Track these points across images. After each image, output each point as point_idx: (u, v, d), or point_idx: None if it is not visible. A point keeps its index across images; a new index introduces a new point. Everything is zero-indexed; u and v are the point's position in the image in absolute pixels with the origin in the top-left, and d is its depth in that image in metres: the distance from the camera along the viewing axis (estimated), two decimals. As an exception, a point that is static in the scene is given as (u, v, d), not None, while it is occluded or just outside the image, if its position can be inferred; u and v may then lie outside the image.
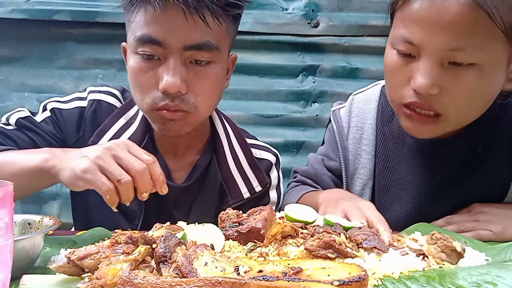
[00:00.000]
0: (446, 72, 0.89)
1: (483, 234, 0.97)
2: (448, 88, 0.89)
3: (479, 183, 1.06)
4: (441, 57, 0.88)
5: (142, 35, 0.99)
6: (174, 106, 1.01)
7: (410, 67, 0.92)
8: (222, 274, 0.58)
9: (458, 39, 0.85)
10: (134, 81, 1.05)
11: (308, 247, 0.69)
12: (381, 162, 1.19)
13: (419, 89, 0.90)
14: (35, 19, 2.18)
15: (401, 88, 0.95)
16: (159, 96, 1.01)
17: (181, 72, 0.99)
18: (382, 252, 0.71)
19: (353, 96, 1.30)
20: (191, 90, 1.02)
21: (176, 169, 1.21)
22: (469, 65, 0.87)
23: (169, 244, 0.65)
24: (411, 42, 0.90)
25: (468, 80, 0.88)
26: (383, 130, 1.20)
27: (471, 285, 0.62)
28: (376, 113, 1.22)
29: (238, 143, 1.26)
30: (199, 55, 1.01)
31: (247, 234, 0.74)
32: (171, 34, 0.97)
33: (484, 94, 0.93)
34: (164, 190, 0.88)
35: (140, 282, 0.54)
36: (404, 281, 0.64)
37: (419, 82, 0.89)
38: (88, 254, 0.65)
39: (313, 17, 2.31)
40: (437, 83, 0.89)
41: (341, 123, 1.27)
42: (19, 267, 0.66)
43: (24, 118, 1.12)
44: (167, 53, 0.99)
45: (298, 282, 0.56)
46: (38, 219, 0.81)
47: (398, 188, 1.16)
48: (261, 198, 1.27)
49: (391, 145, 1.18)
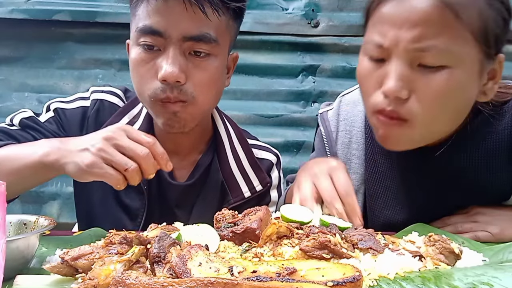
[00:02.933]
0: (415, 75, 0.87)
1: (480, 235, 0.97)
2: (417, 91, 0.87)
3: (472, 192, 1.04)
4: (410, 58, 0.86)
5: (144, 25, 1.01)
6: (173, 97, 1.02)
7: (381, 72, 0.91)
8: (216, 275, 0.58)
9: (426, 39, 0.84)
10: (136, 72, 1.06)
11: (303, 248, 0.68)
12: (370, 167, 1.16)
13: (388, 92, 0.88)
14: (35, 19, 2.19)
15: (372, 94, 0.93)
16: (160, 87, 1.01)
17: (180, 62, 1.01)
18: (377, 252, 0.71)
19: (341, 98, 1.27)
20: (190, 81, 1.03)
21: (179, 168, 1.22)
22: (438, 68, 0.86)
23: (163, 245, 0.65)
24: (381, 45, 0.89)
25: (437, 83, 0.86)
26: (371, 134, 1.16)
27: (466, 286, 0.62)
28: (364, 116, 1.19)
29: (240, 143, 1.27)
30: (198, 46, 1.02)
31: (242, 234, 0.74)
32: (171, 24, 0.99)
33: (455, 102, 0.90)
34: (169, 167, 0.92)
35: (132, 282, 0.54)
36: (399, 282, 0.64)
37: (389, 85, 0.87)
38: (82, 254, 0.65)
39: (313, 17, 2.31)
40: (406, 86, 0.87)
41: (329, 128, 1.24)
42: (13, 267, 0.66)
43: (28, 118, 1.12)
44: (167, 43, 1.00)
45: (291, 282, 0.56)
46: (33, 219, 0.81)
47: (388, 194, 1.13)
48: (262, 197, 1.28)
49: (379, 150, 1.15)
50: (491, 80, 0.93)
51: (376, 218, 1.15)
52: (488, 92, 0.94)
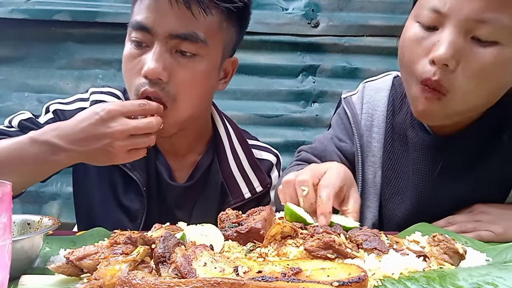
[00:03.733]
0: (466, 46, 0.87)
1: (484, 235, 0.97)
2: (464, 64, 0.88)
3: (481, 182, 1.05)
4: (466, 28, 0.86)
5: (134, 21, 1.02)
6: (152, 92, 1.01)
7: (432, 39, 0.91)
8: (221, 275, 0.58)
9: (488, 10, 0.84)
10: (124, 68, 1.07)
11: (308, 248, 0.68)
12: (387, 152, 1.18)
13: (437, 59, 0.88)
14: (35, 19, 2.19)
15: (418, 62, 0.93)
16: (141, 82, 1.02)
17: (165, 59, 1.01)
18: (382, 253, 0.71)
19: (364, 84, 1.28)
20: (173, 80, 1.02)
21: (178, 169, 1.22)
22: (491, 43, 0.86)
23: (168, 245, 0.65)
24: (438, 11, 0.89)
25: (486, 59, 0.87)
26: (392, 120, 1.18)
27: (471, 286, 0.62)
28: (387, 102, 1.20)
29: (240, 143, 1.27)
30: (184, 45, 1.02)
31: (246, 234, 0.74)
32: (158, 21, 1.00)
33: (496, 81, 0.91)
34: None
35: (138, 282, 0.54)
36: (404, 282, 0.64)
37: (439, 52, 0.87)
38: (87, 254, 0.65)
39: (313, 17, 2.31)
40: (456, 56, 0.87)
41: (355, 110, 1.24)
42: (18, 267, 0.65)
43: (27, 120, 1.12)
44: (154, 39, 1.01)
45: (297, 282, 0.56)
46: (37, 219, 0.80)
47: (400, 181, 1.15)
48: (262, 198, 1.28)
49: (397, 137, 1.17)
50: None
51: (386, 204, 1.16)
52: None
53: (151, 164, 1.18)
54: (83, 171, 1.19)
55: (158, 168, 1.19)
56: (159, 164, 1.19)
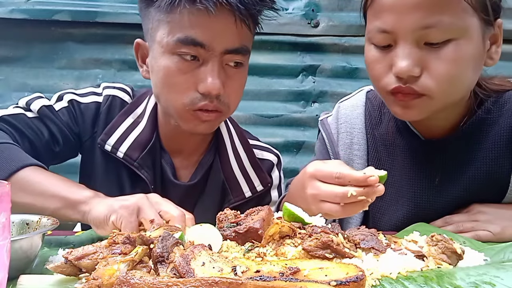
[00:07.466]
0: (424, 53, 0.90)
1: (481, 234, 0.97)
2: (428, 68, 0.91)
3: (475, 184, 1.05)
4: (416, 38, 0.90)
5: (186, 36, 1.00)
6: (213, 106, 1.05)
7: (389, 57, 0.94)
8: (220, 274, 0.58)
9: (429, 16, 0.87)
10: (169, 81, 1.05)
11: (306, 247, 0.68)
12: (373, 166, 1.17)
13: (400, 73, 0.91)
14: (35, 19, 2.19)
15: (383, 77, 0.96)
16: (198, 97, 1.04)
17: (220, 75, 1.03)
18: (380, 252, 0.71)
19: (339, 104, 1.30)
20: (226, 91, 1.05)
21: (182, 167, 1.23)
22: (445, 42, 0.89)
23: (167, 244, 0.65)
24: (385, 31, 0.92)
25: (446, 56, 0.89)
26: (373, 133, 1.19)
27: (469, 285, 0.62)
28: (364, 118, 1.22)
29: (241, 143, 1.28)
30: (236, 58, 1.06)
31: (245, 234, 0.74)
32: (216, 37, 1.01)
33: (466, 70, 0.93)
34: None
35: (137, 282, 0.54)
36: (402, 281, 0.64)
37: (400, 66, 0.90)
38: (85, 254, 0.65)
39: (313, 17, 2.31)
40: (417, 64, 0.90)
41: (330, 130, 1.26)
42: (16, 267, 0.66)
43: (48, 107, 1.13)
44: (209, 55, 1.02)
45: (295, 282, 0.56)
46: (36, 219, 0.81)
47: (392, 191, 1.14)
48: (263, 197, 1.28)
49: (382, 148, 1.17)
50: (494, 44, 0.98)
51: (382, 216, 1.16)
52: (494, 56, 0.98)
53: (157, 162, 1.19)
54: (90, 171, 1.20)
55: (163, 167, 1.20)
56: (164, 163, 1.20)
